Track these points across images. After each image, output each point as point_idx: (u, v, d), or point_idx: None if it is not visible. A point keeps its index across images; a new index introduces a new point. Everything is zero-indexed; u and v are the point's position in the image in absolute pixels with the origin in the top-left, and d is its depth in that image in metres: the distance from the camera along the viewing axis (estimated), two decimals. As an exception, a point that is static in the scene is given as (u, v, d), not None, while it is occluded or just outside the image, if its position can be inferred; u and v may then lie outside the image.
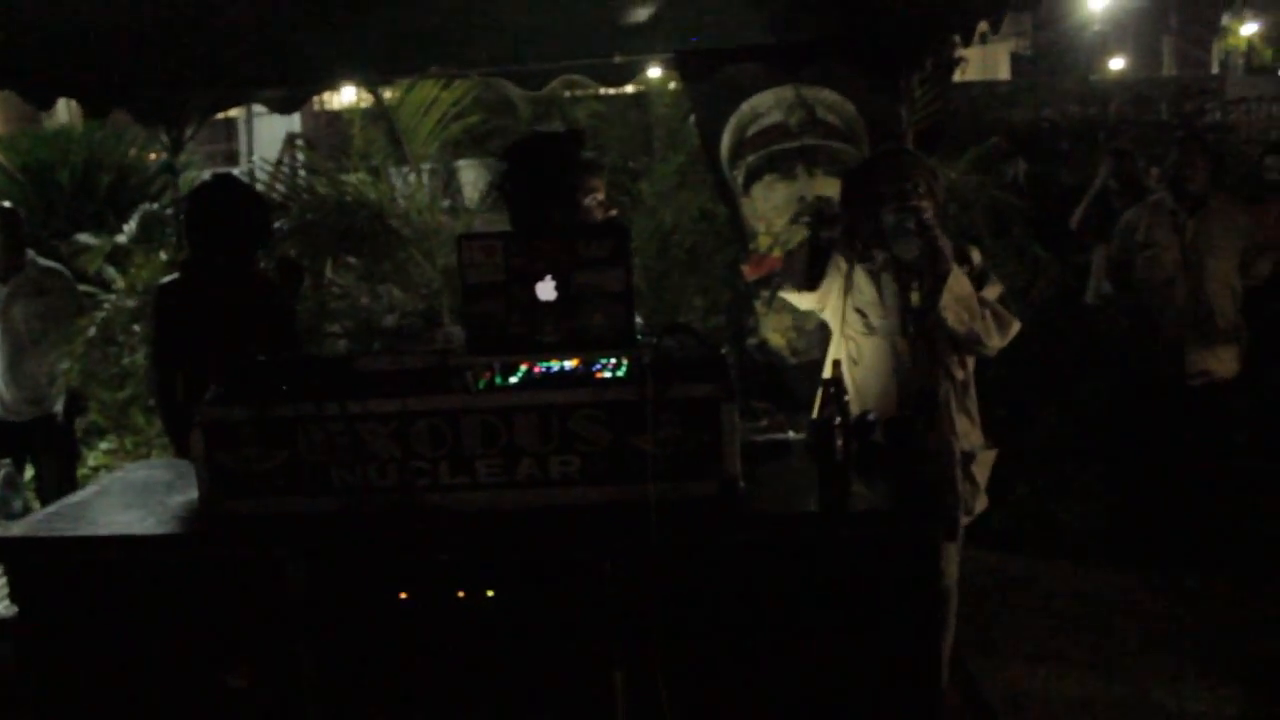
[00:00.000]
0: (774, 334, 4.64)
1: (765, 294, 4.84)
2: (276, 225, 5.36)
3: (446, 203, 6.68)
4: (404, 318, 5.95)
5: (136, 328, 5.99)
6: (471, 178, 7.50)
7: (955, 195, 5.69)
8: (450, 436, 2.52)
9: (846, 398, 2.79)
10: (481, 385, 2.72)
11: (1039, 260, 6.25)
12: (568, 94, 6.88)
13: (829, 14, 3.95)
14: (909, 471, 2.75)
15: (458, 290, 5.09)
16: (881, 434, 2.93)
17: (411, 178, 6.25)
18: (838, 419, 2.74)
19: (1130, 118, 10.19)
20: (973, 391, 3.52)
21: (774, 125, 4.92)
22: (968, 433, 3.50)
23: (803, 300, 3.76)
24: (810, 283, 3.66)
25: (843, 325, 3.67)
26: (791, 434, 3.23)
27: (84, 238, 7.25)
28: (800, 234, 4.68)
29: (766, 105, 4.99)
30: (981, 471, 3.51)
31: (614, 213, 3.48)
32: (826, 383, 2.79)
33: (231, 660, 2.64)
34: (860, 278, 3.61)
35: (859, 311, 3.62)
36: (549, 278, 2.56)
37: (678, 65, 4.60)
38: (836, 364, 2.83)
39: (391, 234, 5.86)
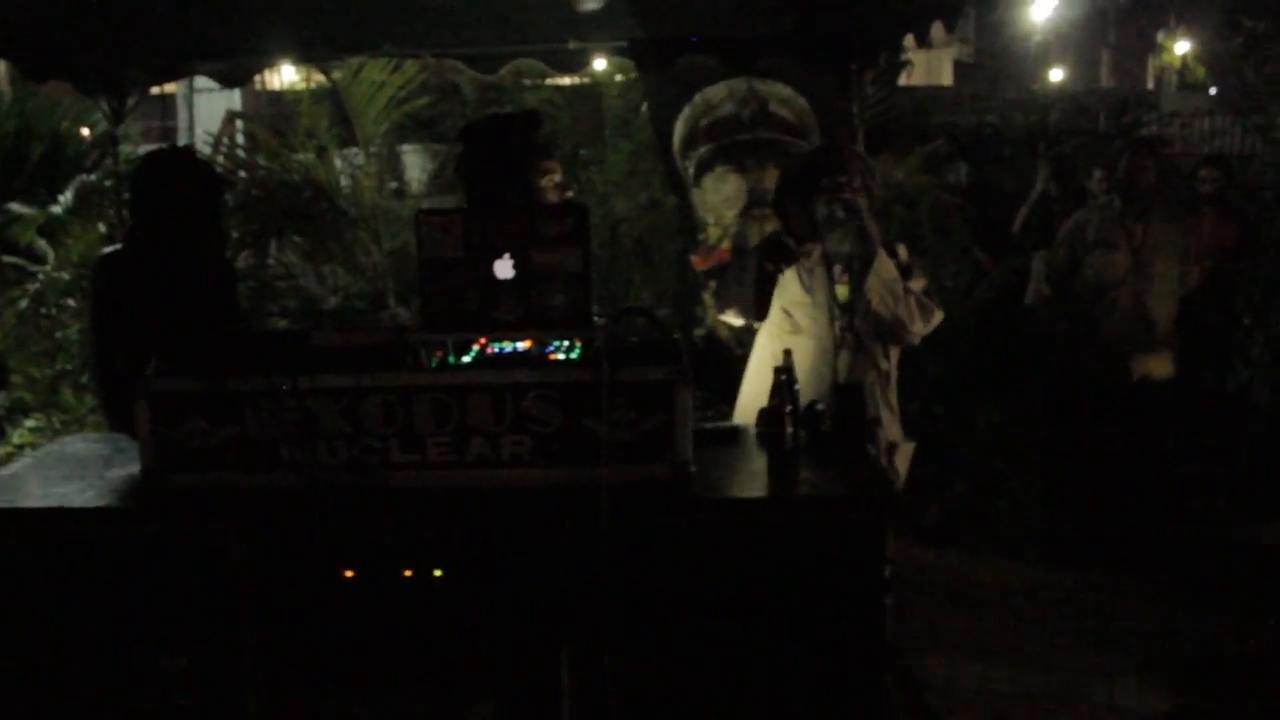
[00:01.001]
0: (721, 326, 4.64)
1: (713, 285, 4.84)
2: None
3: (393, 184, 6.59)
4: (348, 300, 5.86)
5: (71, 302, 5.83)
6: (417, 162, 7.42)
7: (901, 195, 5.75)
8: (402, 414, 2.49)
9: (795, 387, 2.83)
10: (435, 363, 2.70)
11: (980, 262, 6.35)
12: (520, 82, 6.82)
13: (784, 8, 3.96)
14: (855, 459, 2.80)
15: (403, 273, 5.05)
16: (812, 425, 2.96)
17: (359, 159, 6.16)
18: (788, 407, 2.79)
19: (1070, 126, 10.37)
20: (894, 384, 3.58)
21: (727, 117, 4.92)
22: (890, 424, 3.55)
23: (740, 321, 3.85)
24: (762, 312, 3.74)
25: (768, 325, 3.72)
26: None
27: (16, 207, 7.03)
28: (750, 228, 4.68)
29: (720, 97, 4.99)
30: (902, 462, 3.57)
31: (570, 194, 3.43)
32: (778, 371, 2.84)
33: (171, 639, 2.59)
34: (788, 278, 3.66)
35: (785, 311, 3.66)
36: (507, 255, 2.54)
37: (632, 54, 4.59)
38: (788, 353, 2.87)
39: (338, 214, 5.78)
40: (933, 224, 5.91)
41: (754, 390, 3.56)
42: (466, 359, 2.63)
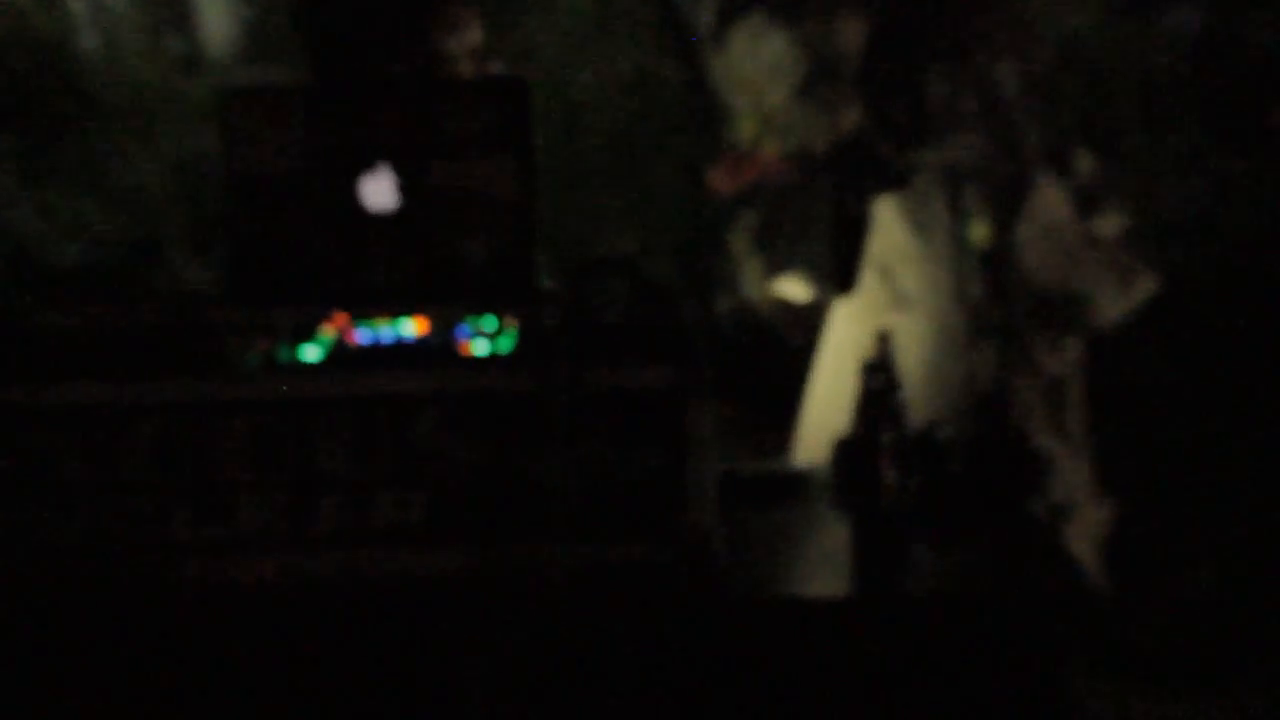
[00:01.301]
0: (765, 289, 3.90)
1: (751, 222, 4.10)
2: None
3: (179, 46, 5.46)
4: (97, 250, 4.95)
5: None
6: (222, 7, 6.21)
7: (1078, 57, 4.54)
8: (194, 455, 2.15)
9: (900, 397, 2.43)
10: (254, 362, 2.31)
11: (1226, 174, 5.05)
12: None
13: None
14: (1008, 527, 2.49)
15: (196, 202, 4.37)
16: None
17: (117, 3, 5.11)
18: (885, 434, 2.38)
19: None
20: (1075, 399, 3.04)
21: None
22: (1068, 468, 3.04)
23: (804, 291, 3.53)
24: (845, 277, 3.29)
25: (854, 298, 3.34)
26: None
27: None
28: (815, 121, 3.96)
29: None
30: (1091, 535, 3.04)
31: (497, 64, 3.09)
32: (867, 370, 2.40)
33: None
34: (886, 214, 3.19)
35: (882, 272, 3.23)
36: (385, 169, 2.21)
37: None
38: (884, 340, 2.44)
39: (78, 99, 4.80)
40: (1137, 108, 4.73)
41: (826, 407, 3.15)
42: (311, 354, 2.28)
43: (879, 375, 2.36)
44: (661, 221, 4.48)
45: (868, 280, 3.17)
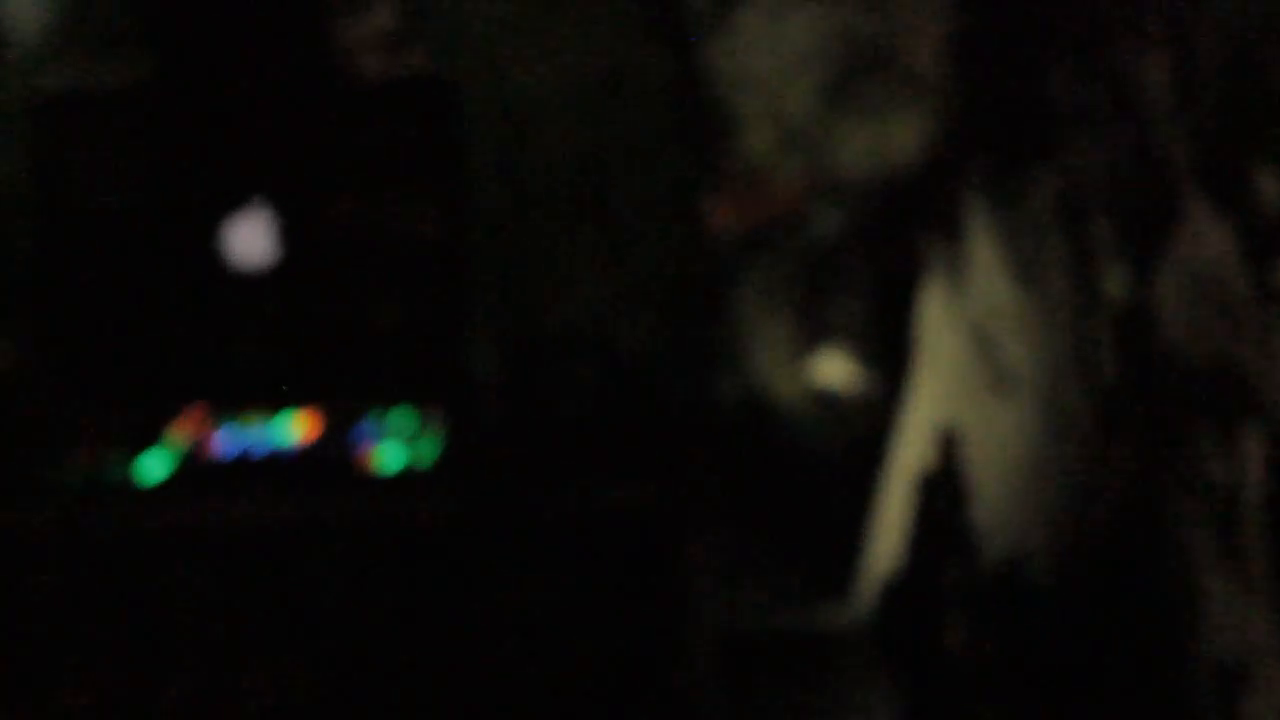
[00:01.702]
0: (790, 370, 3.62)
1: (769, 270, 3.77)
2: None
3: None
4: None
5: None
6: None
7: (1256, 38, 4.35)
8: None
9: (970, 520, 2.26)
10: (74, 481, 2.11)
11: None
12: None
13: None
14: (1151, 699, 2.31)
15: (2, 244, 4.37)
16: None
17: None
18: (950, 573, 2.22)
19: None
20: (1255, 517, 2.54)
21: None
22: (1238, 616, 2.54)
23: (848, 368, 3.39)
24: (895, 346, 3.13)
25: (932, 375, 3.10)
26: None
27: None
28: (850, 135, 3.75)
29: None
30: (1266, 716, 2.55)
31: (417, 59, 3.01)
32: (925, 484, 2.25)
33: None
34: (981, 258, 2.90)
35: (981, 338, 2.90)
36: (258, 205, 2.09)
37: None
38: (950, 440, 2.31)
39: None
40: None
41: (895, 534, 2.94)
42: (154, 470, 2.11)
43: (943, 491, 2.13)
44: (642, 273, 4.04)
45: (955, 352, 2.84)
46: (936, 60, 2.92)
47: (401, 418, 2.09)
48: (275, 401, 2.04)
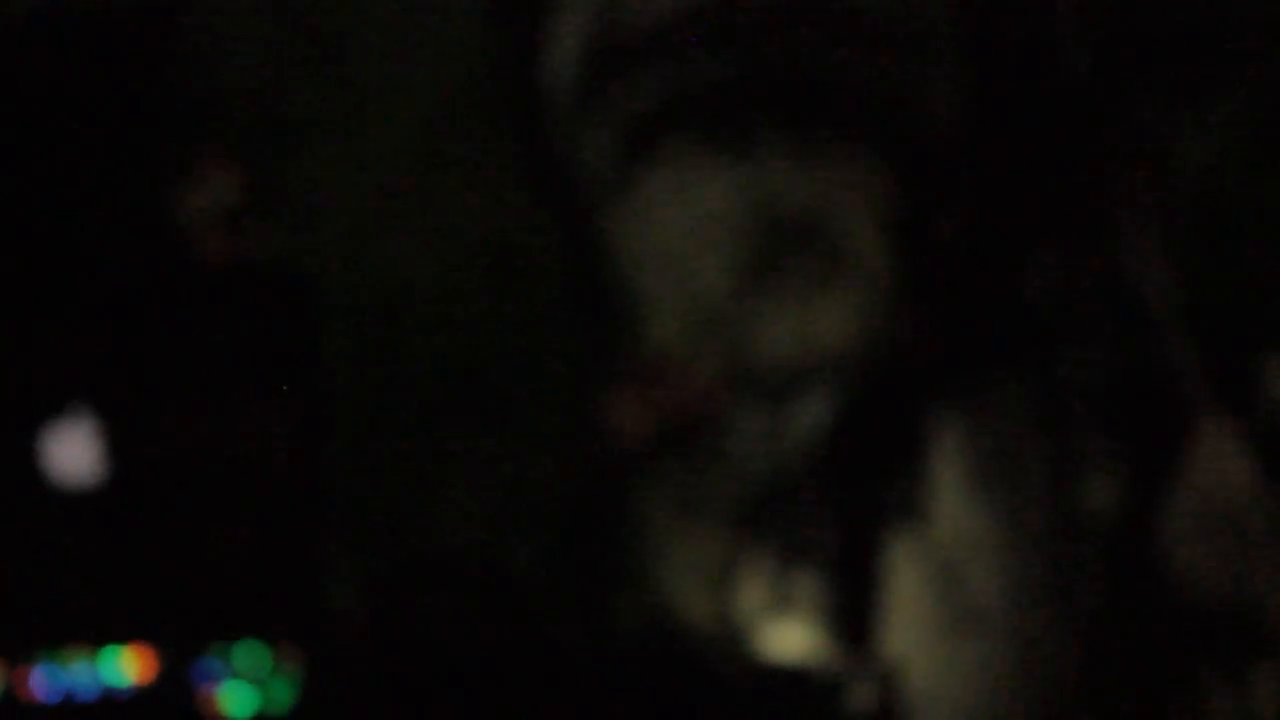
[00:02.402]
0: (701, 595, 3.44)
1: (671, 467, 3.52)
2: None
3: None
4: None
5: None
6: None
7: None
8: None
9: None
10: None
11: None
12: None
13: None
14: None
15: None
16: None
17: None
18: None
19: None
20: None
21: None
22: None
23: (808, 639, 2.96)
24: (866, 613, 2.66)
25: (901, 605, 2.75)
26: None
27: None
28: (773, 316, 3.56)
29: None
30: None
31: (260, 230, 2.82)
32: None
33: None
34: (944, 476, 2.59)
35: (942, 570, 2.61)
36: (83, 412, 1.97)
37: None
38: (888, 679, 2.33)
39: None
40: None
41: None
42: None
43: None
44: (530, 485, 3.81)
45: (915, 587, 2.60)
46: (875, 238, 2.75)
47: (250, 655, 1.95)
48: (102, 636, 1.92)
